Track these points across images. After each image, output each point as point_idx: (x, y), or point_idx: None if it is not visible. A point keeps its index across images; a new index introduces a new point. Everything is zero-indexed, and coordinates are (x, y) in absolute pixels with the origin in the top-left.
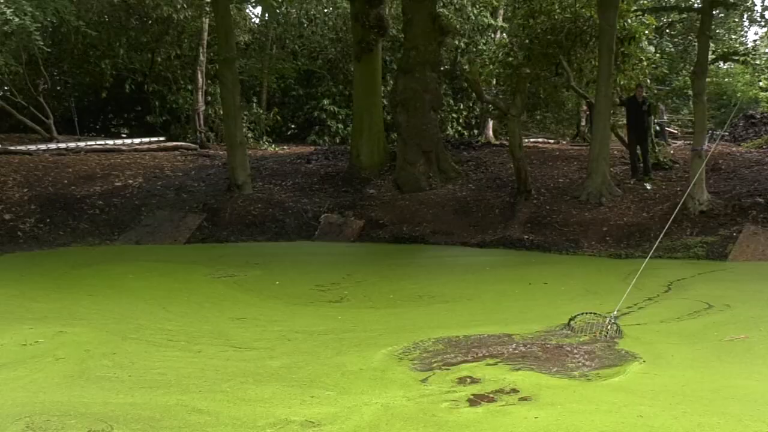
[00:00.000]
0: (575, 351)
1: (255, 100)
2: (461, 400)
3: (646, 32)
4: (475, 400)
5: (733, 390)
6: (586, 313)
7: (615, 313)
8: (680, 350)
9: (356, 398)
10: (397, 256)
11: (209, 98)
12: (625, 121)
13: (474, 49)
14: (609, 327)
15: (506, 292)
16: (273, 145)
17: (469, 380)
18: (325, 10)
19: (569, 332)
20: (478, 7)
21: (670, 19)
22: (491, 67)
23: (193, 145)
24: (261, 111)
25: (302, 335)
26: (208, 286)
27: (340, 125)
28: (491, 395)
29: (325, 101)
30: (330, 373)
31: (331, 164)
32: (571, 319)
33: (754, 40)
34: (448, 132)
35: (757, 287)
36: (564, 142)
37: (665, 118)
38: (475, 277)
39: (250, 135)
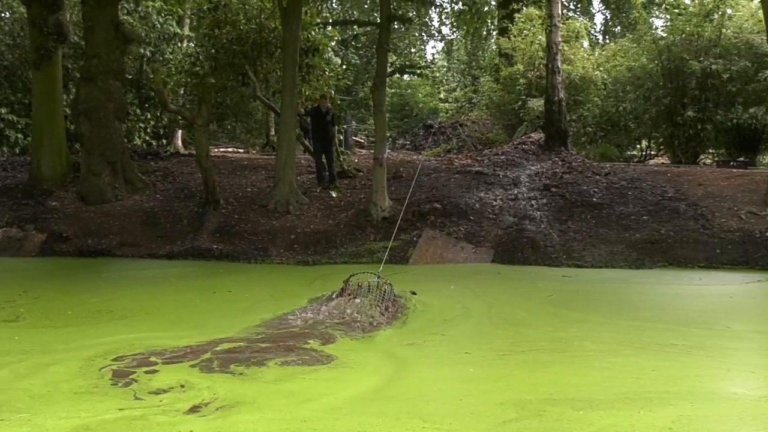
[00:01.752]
0: (266, 354)
1: None
2: (171, 411)
3: (332, 44)
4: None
5: (389, 390)
6: (362, 273)
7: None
8: (362, 355)
9: (53, 420)
10: (80, 270)
11: None
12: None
13: (160, 58)
14: (385, 286)
15: (188, 303)
16: None
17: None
18: (1, 14)
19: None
20: (163, 15)
21: (355, 32)
22: (177, 76)
23: None
24: None
25: None
26: None
27: (20, 135)
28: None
29: (2, 110)
30: (19, 397)
31: (10, 176)
32: (346, 282)
33: (433, 54)
34: (135, 142)
35: (434, 287)
36: (254, 152)
37: (353, 126)
38: (159, 288)
39: None
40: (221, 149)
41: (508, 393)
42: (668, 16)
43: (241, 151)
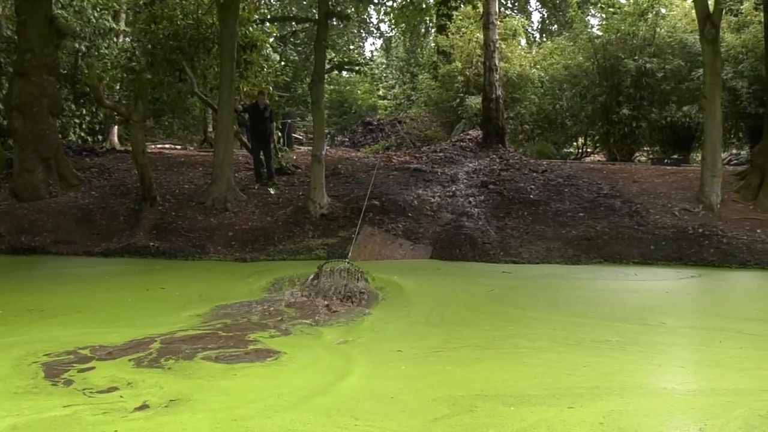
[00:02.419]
0: (206, 350)
1: None
2: (104, 409)
3: (270, 40)
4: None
5: (323, 387)
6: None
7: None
8: (302, 351)
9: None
10: (13, 268)
11: None
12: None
13: (96, 53)
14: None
15: (120, 301)
16: None
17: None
18: None
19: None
20: (99, 10)
21: (293, 29)
22: (113, 71)
23: None
24: None
25: None
26: None
27: None
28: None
29: None
30: None
31: None
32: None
33: (371, 51)
34: (70, 138)
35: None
36: (191, 148)
37: (296, 122)
38: (92, 286)
39: None
40: (158, 146)
41: (439, 390)
42: (604, 15)
43: (179, 147)
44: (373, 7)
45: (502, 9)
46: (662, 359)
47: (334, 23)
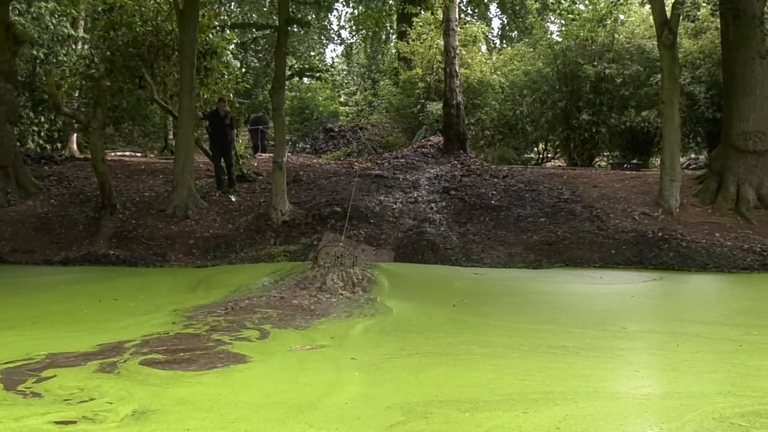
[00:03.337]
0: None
1: None
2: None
3: (231, 47)
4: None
5: (278, 394)
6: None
7: None
8: (261, 357)
9: None
10: None
11: None
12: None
13: (54, 60)
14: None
15: (74, 312)
16: None
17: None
18: None
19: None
20: (57, 16)
21: (254, 35)
22: (72, 79)
23: None
24: None
25: None
26: None
27: None
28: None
29: None
30: None
31: None
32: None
33: (332, 58)
34: (28, 145)
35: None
36: (152, 156)
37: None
38: (46, 296)
39: None
40: (118, 153)
41: (394, 396)
42: (563, 22)
43: (139, 155)
44: (333, 13)
45: (463, 15)
46: (616, 364)
47: (295, 30)
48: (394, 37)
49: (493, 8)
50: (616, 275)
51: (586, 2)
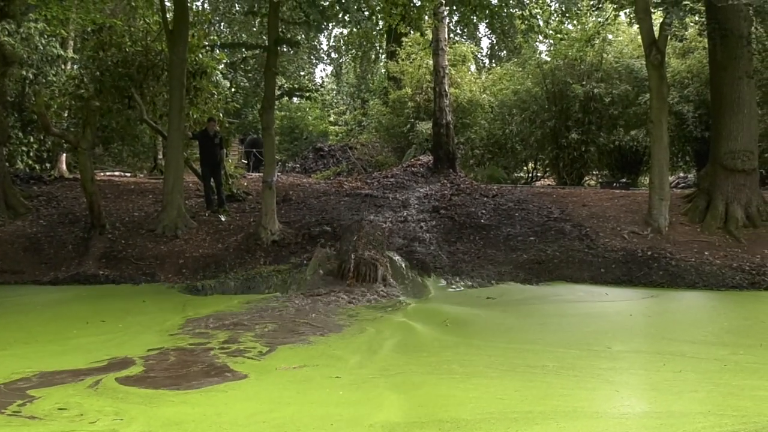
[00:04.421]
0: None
1: None
2: None
3: (221, 67)
4: None
5: (266, 415)
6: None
7: None
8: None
9: None
10: None
11: None
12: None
13: (43, 81)
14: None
15: (62, 332)
16: None
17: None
18: None
19: None
20: (46, 36)
21: (243, 55)
22: (61, 99)
23: None
24: None
25: None
26: None
27: None
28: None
29: None
30: None
31: None
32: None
33: (322, 77)
34: (18, 166)
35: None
36: (141, 176)
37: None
38: (30, 318)
39: None
40: (107, 173)
41: (377, 416)
42: (551, 41)
43: (128, 175)
44: (323, 34)
45: (452, 35)
46: (596, 383)
47: (284, 50)
48: (383, 56)
49: (482, 28)
50: (620, 292)
51: (575, 22)
